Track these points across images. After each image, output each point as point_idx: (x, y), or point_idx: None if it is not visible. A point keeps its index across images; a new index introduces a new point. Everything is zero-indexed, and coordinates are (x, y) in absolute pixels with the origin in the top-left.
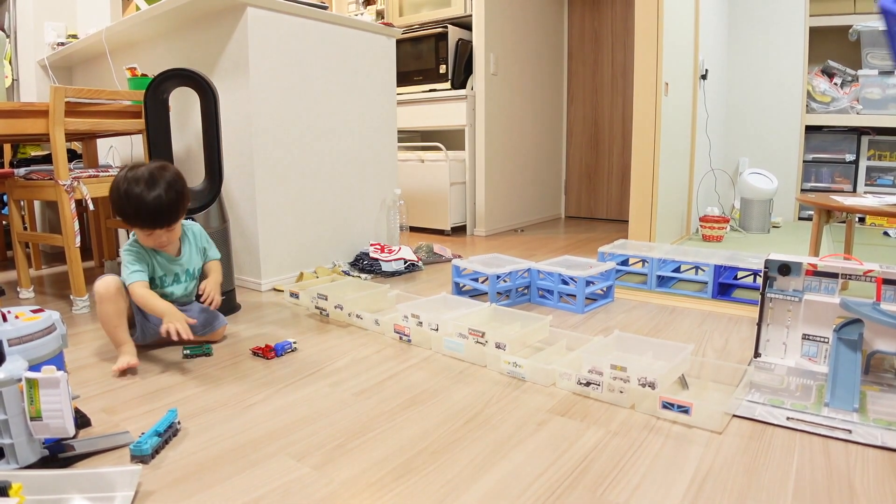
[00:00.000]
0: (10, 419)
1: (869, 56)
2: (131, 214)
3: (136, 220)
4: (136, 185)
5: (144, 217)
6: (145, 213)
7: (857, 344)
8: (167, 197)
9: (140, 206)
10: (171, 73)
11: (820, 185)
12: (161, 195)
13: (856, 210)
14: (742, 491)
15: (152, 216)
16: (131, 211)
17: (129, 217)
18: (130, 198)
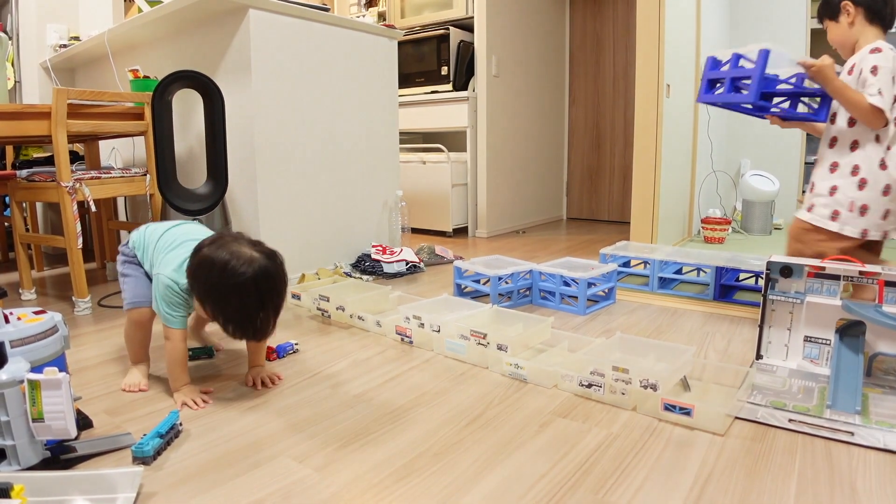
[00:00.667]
0: (12, 420)
1: None
2: (222, 312)
3: (224, 321)
4: (265, 284)
5: (242, 328)
6: (244, 326)
7: (859, 346)
8: (273, 313)
9: (242, 317)
10: (179, 74)
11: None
12: (269, 314)
13: None
14: (744, 493)
15: (249, 330)
16: (227, 310)
17: (218, 311)
18: (234, 298)
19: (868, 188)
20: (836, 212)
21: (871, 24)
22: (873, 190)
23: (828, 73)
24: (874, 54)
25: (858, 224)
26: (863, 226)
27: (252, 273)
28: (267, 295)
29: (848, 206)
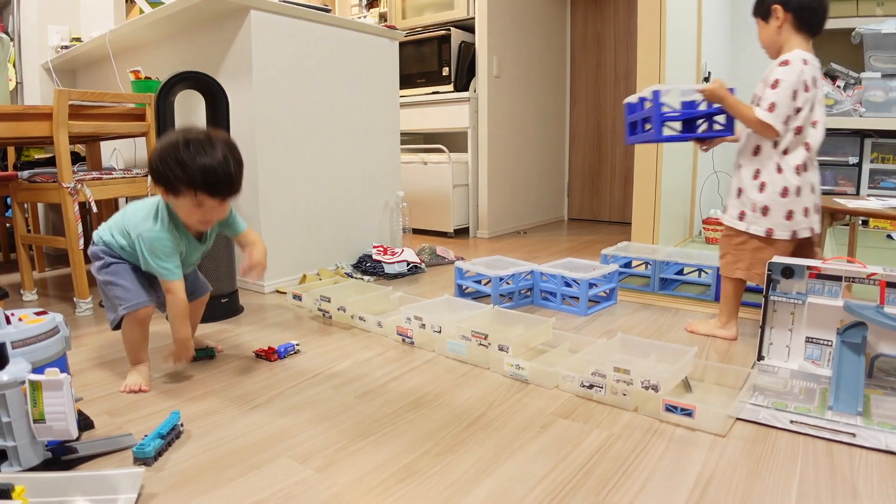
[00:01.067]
0: (13, 421)
1: (872, 59)
2: (194, 177)
3: (199, 185)
4: (200, 145)
5: (212, 180)
6: (213, 176)
7: (861, 347)
8: (233, 161)
9: (207, 168)
10: (183, 75)
11: (823, 187)
12: (228, 157)
13: (859, 213)
14: (745, 494)
15: (221, 180)
16: (194, 172)
17: (189, 180)
18: (195, 157)
19: (767, 191)
20: (742, 212)
21: (797, 31)
22: (772, 192)
23: (720, 93)
24: (781, 67)
25: (762, 224)
26: (767, 225)
27: (204, 130)
28: (225, 145)
29: (751, 207)
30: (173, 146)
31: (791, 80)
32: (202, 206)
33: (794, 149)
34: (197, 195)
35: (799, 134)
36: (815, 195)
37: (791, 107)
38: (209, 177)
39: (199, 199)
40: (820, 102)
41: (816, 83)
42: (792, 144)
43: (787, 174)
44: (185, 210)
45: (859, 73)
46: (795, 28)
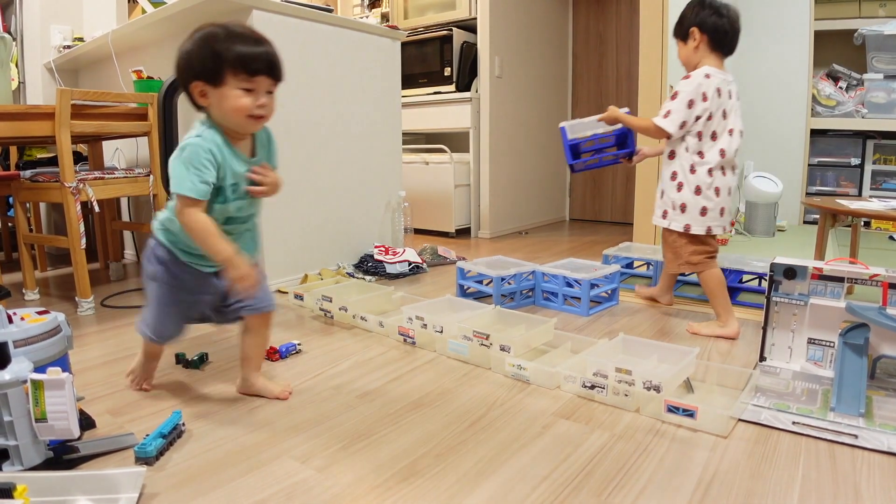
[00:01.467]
0: (15, 421)
1: (874, 60)
2: (241, 52)
3: (248, 58)
4: (233, 29)
5: (262, 55)
6: (262, 51)
7: (863, 348)
8: (275, 52)
9: (253, 41)
10: None
11: (825, 188)
12: (267, 41)
13: (861, 214)
14: (747, 495)
15: (271, 56)
16: (240, 47)
17: (237, 57)
18: (234, 37)
19: (684, 190)
20: (665, 211)
21: (712, 51)
22: (688, 191)
23: (616, 115)
24: (683, 80)
25: (681, 220)
26: (685, 221)
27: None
28: (258, 34)
29: (671, 205)
30: (207, 35)
31: (688, 90)
32: (253, 92)
33: (708, 152)
34: (247, 73)
35: (714, 140)
36: (731, 198)
37: (687, 114)
38: (257, 51)
39: (250, 80)
40: (734, 111)
41: (722, 94)
42: (706, 148)
43: (700, 174)
44: (233, 103)
45: (861, 74)
46: (710, 48)
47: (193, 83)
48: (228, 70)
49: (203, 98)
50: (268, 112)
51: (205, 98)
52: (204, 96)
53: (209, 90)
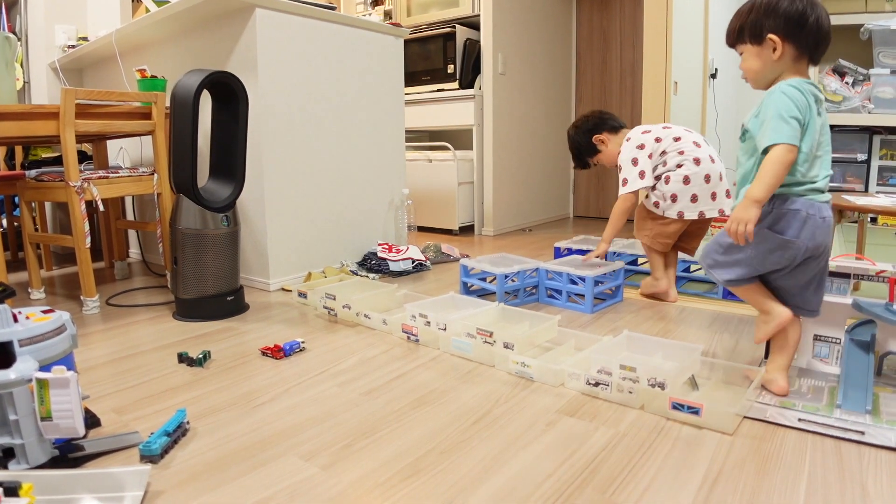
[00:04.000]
0: (20, 419)
1: (881, 55)
2: (820, 30)
3: (818, 39)
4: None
5: (824, 36)
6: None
7: (870, 345)
8: None
9: (823, 21)
10: (216, 75)
11: (832, 184)
12: None
13: (868, 210)
14: (753, 493)
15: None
16: (820, 25)
17: (810, 30)
18: (817, 9)
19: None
20: (657, 202)
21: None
22: (674, 184)
23: (601, 249)
24: (621, 149)
25: (674, 209)
26: (678, 209)
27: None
28: None
29: (662, 197)
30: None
31: (625, 155)
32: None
33: (674, 173)
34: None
35: (680, 167)
36: (711, 184)
37: (645, 166)
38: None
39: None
40: (678, 138)
41: (657, 139)
42: (673, 173)
43: (673, 184)
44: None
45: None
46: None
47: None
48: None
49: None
50: None
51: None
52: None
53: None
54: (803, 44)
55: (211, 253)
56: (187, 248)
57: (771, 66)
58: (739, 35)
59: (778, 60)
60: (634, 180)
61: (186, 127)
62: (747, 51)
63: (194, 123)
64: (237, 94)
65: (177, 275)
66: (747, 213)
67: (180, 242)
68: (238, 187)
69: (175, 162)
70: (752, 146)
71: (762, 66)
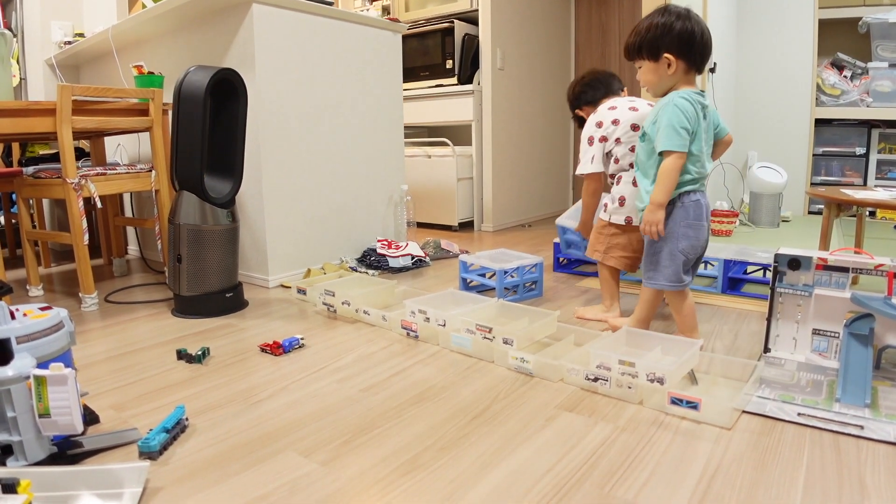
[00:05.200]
0: (18, 416)
1: (879, 48)
2: (705, 46)
3: (704, 54)
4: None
5: (708, 50)
6: (709, 46)
7: (869, 339)
8: None
9: (707, 37)
10: (223, 72)
11: (830, 178)
12: None
13: (866, 203)
14: (752, 487)
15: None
16: (705, 42)
17: (698, 48)
18: (702, 28)
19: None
20: (605, 204)
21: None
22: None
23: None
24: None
25: (622, 213)
26: (626, 214)
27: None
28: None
29: (611, 199)
30: (677, 17)
31: (584, 132)
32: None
33: (627, 173)
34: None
35: (633, 167)
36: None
37: (596, 150)
38: (708, 44)
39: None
40: (635, 127)
41: (615, 121)
42: (625, 173)
43: (623, 185)
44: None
45: (866, 62)
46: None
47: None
48: (690, 57)
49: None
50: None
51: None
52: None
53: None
54: (692, 59)
55: (212, 249)
56: (189, 244)
57: (666, 79)
58: (638, 51)
59: (672, 74)
60: (585, 163)
61: (196, 123)
62: (645, 65)
63: (205, 120)
64: (238, 91)
65: (177, 271)
66: (655, 216)
67: (184, 239)
68: (237, 183)
69: (181, 158)
70: (650, 148)
71: (658, 79)
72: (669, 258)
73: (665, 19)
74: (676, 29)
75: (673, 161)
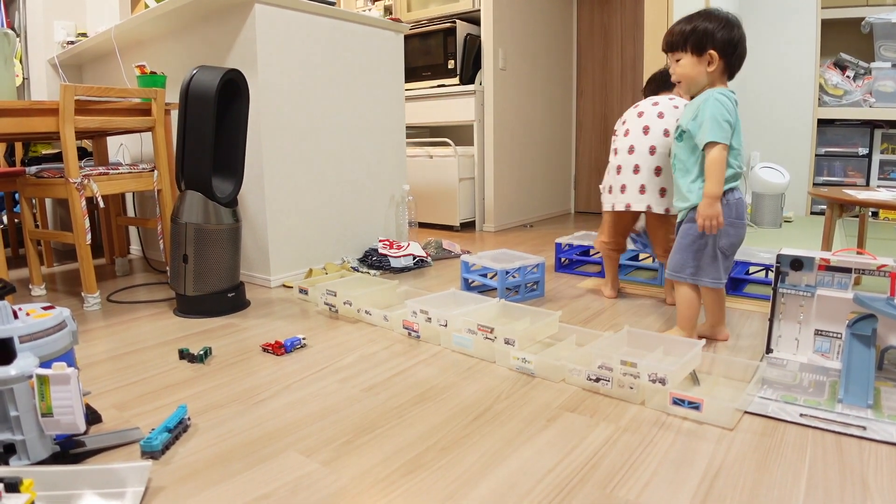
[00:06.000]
0: (21, 415)
1: (882, 48)
2: (743, 55)
3: (741, 61)
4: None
5: (744, 59)
6: (745, 56)
7: (871, 339)
8: None
9: (745, 48)
10: (232, 72)
11: (832, 179)
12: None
13: (869, 204)
14: (754, 487)
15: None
16: (744, 51)
17: (739, 53)
18: (744, 37)
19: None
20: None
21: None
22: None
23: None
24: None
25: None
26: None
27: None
28: None
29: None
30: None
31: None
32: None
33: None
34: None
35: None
36: (621, 176)
37: None
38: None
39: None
40: (624, 122)
41: (623, 120)
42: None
43: (607, 175)
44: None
45: (869, 63)
46: None
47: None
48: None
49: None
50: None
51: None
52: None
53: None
54: (732, 62)
55: (216, 248)
56: (193, 243)
57: (704, 76)
58: (683, 44)
59: (711, 72)
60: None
61: (206, 124)
62: (686, 58)
63: (216, 120)
64: (241, 91)
65: (180, 271)
66: (714, 209)
67: (190, 238)
68: (239, 182)
69: (189, 158)
70: (691, 145)
71: (697, 74)
72: (712, 256)
73: (715, 24)
74: (725, 33)
75: (719, 152)
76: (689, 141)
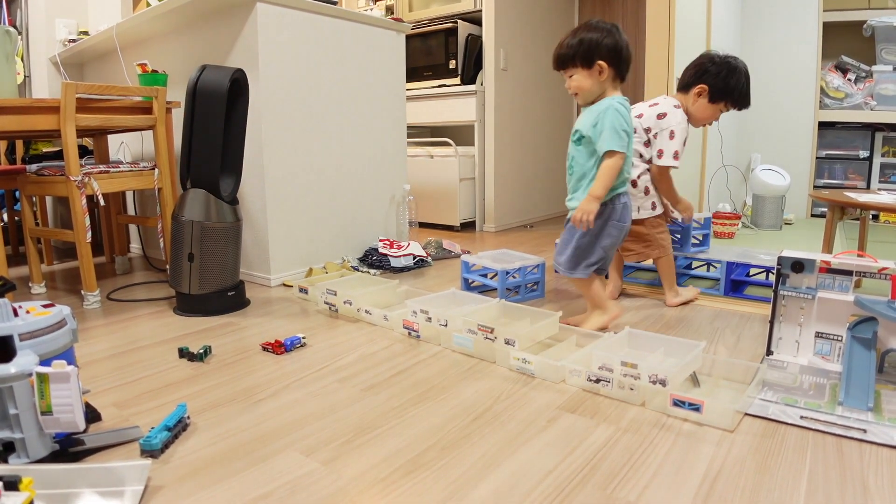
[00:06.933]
0: (20, 413)
1: (883, 51)
2: (629, 58)
3: (628, 64)
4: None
5: (630, 61)
6: (631, 58)
7: (872, 342)
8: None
9: (630, 51)
10: (238, 72)
11: (833, 181)
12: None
13: (870, 206)
14: (754, 490)
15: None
16: (630, 54)
17: (625, 58)
18: (627, 41)
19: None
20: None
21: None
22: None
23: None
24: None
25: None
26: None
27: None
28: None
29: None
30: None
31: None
32: None
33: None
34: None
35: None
36: None
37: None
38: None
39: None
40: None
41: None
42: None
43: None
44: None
45: (870, 66)
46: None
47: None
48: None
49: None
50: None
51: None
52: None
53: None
54: (620, 68)
55: (217, 246)
56: (196, 241)
57: (598, 85)
58: (573, 59)
59: (603, 80)
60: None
61: (216, 122)
62: (577, 73)
63: (226, 118)
64: (244, 90)
65: (185, 269)
66: (592, 206)
67: (195, 236)
68: (238, 179)
69: (196, 157)
70: (591, 149)
71: (591, 84)
72: (591, 251)
73: (599, 34)
74: (609, 41)
75: (616, 161)
76: (588, 146)
